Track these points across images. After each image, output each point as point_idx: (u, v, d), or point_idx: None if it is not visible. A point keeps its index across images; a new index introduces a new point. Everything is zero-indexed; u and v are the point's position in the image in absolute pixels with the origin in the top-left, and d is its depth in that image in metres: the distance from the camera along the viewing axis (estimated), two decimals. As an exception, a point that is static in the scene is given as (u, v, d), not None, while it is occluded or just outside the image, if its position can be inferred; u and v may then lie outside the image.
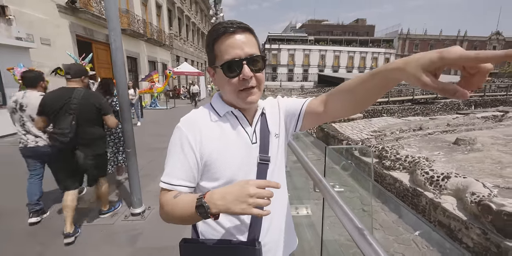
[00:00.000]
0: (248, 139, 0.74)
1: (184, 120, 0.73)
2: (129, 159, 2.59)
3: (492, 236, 3.44)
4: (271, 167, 0.76)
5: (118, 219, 2.62)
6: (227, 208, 0.55)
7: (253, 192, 0.55)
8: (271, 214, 0.60)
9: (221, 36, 0.67)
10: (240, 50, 0.66)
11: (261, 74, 0.71)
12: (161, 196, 0.70)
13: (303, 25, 51.75)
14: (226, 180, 0.71)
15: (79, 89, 2.16)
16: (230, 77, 0.68)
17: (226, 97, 0.75)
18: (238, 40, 0.66)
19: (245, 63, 0.66)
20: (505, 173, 6.45)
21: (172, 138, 0.72)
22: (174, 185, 0.69)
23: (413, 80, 0.45)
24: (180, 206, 0.64)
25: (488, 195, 3.85)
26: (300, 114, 0.79)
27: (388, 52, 45.58)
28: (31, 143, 2.44)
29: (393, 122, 11.67)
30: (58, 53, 7.93)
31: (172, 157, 0.70)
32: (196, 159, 0.69)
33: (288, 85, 35.02)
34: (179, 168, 0.69)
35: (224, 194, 0.57)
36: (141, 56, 14.26)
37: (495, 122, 12.45)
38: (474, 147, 8.84)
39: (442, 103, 16.83)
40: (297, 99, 0.84)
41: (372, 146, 6.94)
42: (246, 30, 0.69)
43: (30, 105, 2.36)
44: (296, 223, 2.21)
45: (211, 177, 0.71)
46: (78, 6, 8.63)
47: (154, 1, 15.90)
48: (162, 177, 0.70)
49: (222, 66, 0.67)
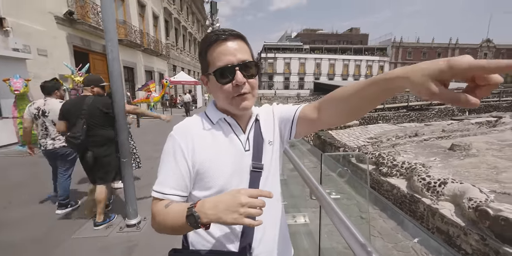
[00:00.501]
0: (241, 146, 0.73)
1: (177, 128, 0.73)
2: (125, 168, 2.57)
3: (490, 242, 3.42)
4: (264, 175, 0.74)
5: (113, 231, 2.57)
6: (218, 218, 0.54)
7: (244, 201, 0.54)
8: (264, 224, 0.59)
9: (213, 44, 0.68)
10: (233, 57, 0.66)
11: (254, 80, 0.71)
12: (152, 205, 0.69)
13: (298, 34, 52.84)
14: (219, 189, 0.69)
15: (89, 97, 2.50)
16: (223, 83, 0.68)
17: (220, 104, 0.75)
18: (230, 47, 0.67)
19: (237, 69, 0.66)
20: (501, 178, 6.49)
21: (165, 146, 0.71)
22: (166, 194, 0.68)
23: (420, 89, 0.42)
24: (171, 215, 0.63)
25: (485, 200, 3.86)
26: (294, 121, 0.78)
27: (382, 60, 46.53)
28: (49, 146, 2.81)
29: (389, 128, 11.78)
30: (55, 63, 7.97)
31: (165, 165, 0.70)
32: (188, 167, 0.69)
33: (284, 93, 35.32)
34: (171, 176, 0.68)
35: (216, 203, 0.56)
36: (138, 66, 14.36)
37: (489, 128, 12.62)
38: (469, 152, 8.92)
39: (437, 109, 17.08)
40: (291, 105, 0.83)
41: (369, 153, 6.97)
42: (238, 37, 0.69)
43: (52, 111, 2.75)
44: (293, 231, 2.19)
45: (203, 186, 0.70)
46: (75, 17, 8.75)
47: (151, 12, 16.18)
48: (154, 186, 0.69)
49: (215, 72, 0.67)
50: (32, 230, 2.59)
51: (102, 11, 2.30)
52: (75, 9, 8.82)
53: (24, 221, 2.76)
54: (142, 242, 2.39)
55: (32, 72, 7.10)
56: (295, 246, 0.97)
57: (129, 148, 2.58)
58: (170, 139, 0.71)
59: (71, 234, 2.48)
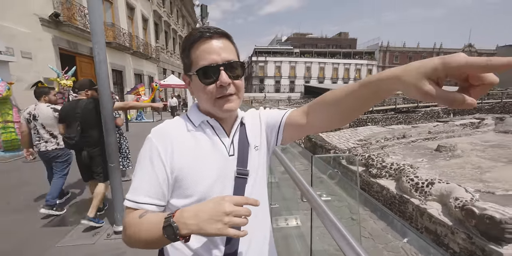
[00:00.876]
0: (224, 151, 0.68)
1: (155, 131, 0.67)
2: (112, 174, 2.50)
3: (476, 240, 3.52)
4: (250, 182, 0.70)
5: (100, 238, 2.49)
6: (200, 229, 0.49)
7: (229, 209, 0.50)
8: (249, 235, 0.55)
9: (197, 41, 0.63)
10: (217, 56, 0.62)
11: (240, 81, 0.67)
12: (124, 216, 0.62)
13: (289, 38, 53.48)
14: (199, 197, 0.63)
15: (83, 100, 2.63)
16: (206, 83, 0.64)
17: (203, 105, 0.70)
18: (215, 45, 0.63)
19: (222, 69, 0.62)
20: (485, 178, 6.72)
21: (141, 150, 0.65)
22: (140, 203, 0.61)
23: (413, 90, 0.40)
24: (146, 227, 0.56)
25: (471, 199, 3.98)
26: (281, 126, 0.74)
27: (370, 63, 47.64)
28: (42, 148, 2.96)
29: (378, 130, 12.01)
30: (39, 66, 7.74)
31: (141, 171, 0.63)
32: (166, 173, 0.62)
33: (275, 96, 35.51)
34: (146, 183, 0.62)
35: (197, 212, 0.51)
36: (126, 69, 14.14)
37: (472, 129, 13.08)
38: (454, 153, 9.20)
39: (423, 111, 17.58)
40: (279, 110, 0.80)
41: (359, 155, 7.07)
42: (223, 35, 0.65)
43: (41, 115, 2.91)
44: (286, 234, 2.19)
45: (182, 194, 0.64)
46: (61, 19, 8.56)
47: (140, 15, 16.03)
48: (128, 194, 0.62)
49: (198, 72, 0.63)
50: (13, 239, 2.48)
51: (89, 13, 2.26)
52: (61, 11, 8.62)
53: (4, 230, 2.64)
54: (130, 249, 2.31)
55: (15, 75, 6.86)
56: (288, 249, 0.96)
57: (117, 153, 2.52)
58: (147, 142, 0.65)
59: (55, 243, 2.39)
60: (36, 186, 3.89)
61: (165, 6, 20.90)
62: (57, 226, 2.72)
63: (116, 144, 2.50)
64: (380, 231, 3.98)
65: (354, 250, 0.64)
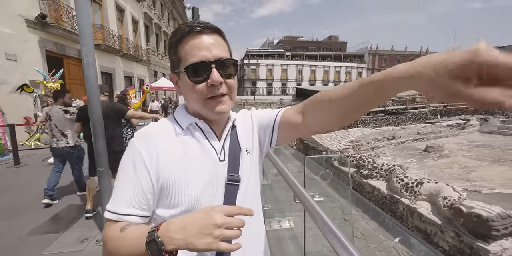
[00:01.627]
0: (215, 156, 0.63)
1: (139, 135, 0.61)
2: (102, 178, 2.44)
3: (465, 238, 3.61)
4: (242, 189, 0.65)
5: (89, 244, 2.42)
6: (187, 243, 0.44)
7: (220, 221, 0.45)
8: (242, 247, 0.49)
9: (185, 36, 0.58)
10: (208, 52, 0.57)
11: (233, 80, 0.61)
12: (106, 229, 0.55)
13: (280, 41, 54.00)
14: (188, 207, 0.57)
15: (102, 101, 2.90)
16: (196, 82, 0.58)
17: (192, 106, 0.64)
18: (206, 41, 0.58)
19: (213, 67, 0.57)
20: (472, 177, 6.92)
21: (124, 156, 0.59)
22: (122, 214, 0.54)
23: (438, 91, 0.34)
24: (128, 242, 0.49)
25: (459, 198, 4.08)
26: (275, 125, 0.69)
27: (360, 66, 48.58)
28: (54, 145, 3.29)
29: (369, 132, 12.21)
30: (25, 69, 7.52)
31: (122, 178, 0.57)
32: (151, 181, 0.56)
33: (267, 99, 35.66)
34: (129, 192, 0.55)
35: (184, 225, 0.45)
36: (116, 72, 13.92)
37: (459, 130, 13.47)
38: (442, 153, 9.44)
39: (412, 113, 18.00)
40: (271, 109, 0.75)
41: (350, 156, 7.16)
42: (215, 31, 0.60)
43: (54, 116, 3.27)
44: (279, 236, 2.18)
45: (169, 204, 0.58)
46: (48, 21, 8.37)
47: (130, 17, 15.86)
48: (109, 204, 0.56)
49: (187, 69, 0.58)
50: (-4, 248, 2.37)
51: (77, 15, 2.21)
52: (48, 12, 8.43)
53: (-13, 239, 2.53)
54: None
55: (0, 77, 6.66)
56: (281, 251, 0.95)
57: (106, 157, 2.47)
58: (130, 147, 0.59)
59: (41, 250, 2.30)
60: (20, 192, 3.76)
61: (156, 9, 20.76)
62: (43, 234, 2.63)
63: (105, 148, 2.44)
64: (372, 231, 4.03)
65: (348, 250, 0.64)
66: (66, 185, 3.99)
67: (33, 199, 3.47)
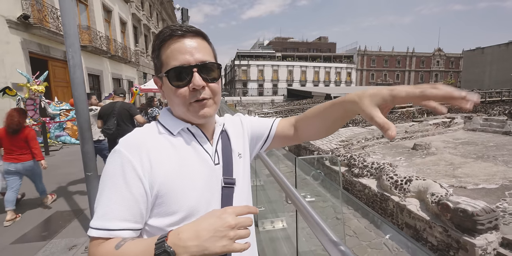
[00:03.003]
0: (210, 160, 0.63)
1: (126, 142, 0.57)
2: (90, 183, 2.38)
3: (452, 232, 3.71)
4: (237, 191, 0.66)
5: (78, 251, 2.36)
6: (204, 249, 0.43)
7: (234, 222, 0.45)
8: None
9: (167, 40, 0.58)
10: (190, 56, 0.57)
11: (216, 84, 0.61)
12: (92, 250, 0.50)
13: (271, 42, 54.25)
14: (186, 213, 0.56)
15: (118, 102, 3.56)
16: (177, 86, 0.57)
17: (175, 111, 0.63)
18: (188, 44, 0.57)
19: (195, 71, 0.57)
20: (457, 173, 7.14)
21: (107, 167, 0.54)
22: (113, 230, 0.50)
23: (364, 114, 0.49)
24: None
25: (445, 194, 4.21)
26: (269, 136, 0.76)
27: (349, 67, 49.41)
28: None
29: (359, 131, 12.42)
30: (7, 71, 7.27)
31: (109, 191, 0.52)
32: (145, 190, 0.53)
33: (259, 100, 35.73)
34: (119, 204, 0.51)
35: (197, 232, 0.44)
36: (104, 74, 13.63)
37: (444, 128, 13.88)
38: (429, 151, 9.70)
39: (400, 112, 18.44)
40: (263, 119, 0.79)
41: (341, 155, 7.26)
42: (198, 34, 0.60)
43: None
44: (272, 237, 2.19)
45: (164, 212, 0.55)
46: (32, 22, 8.11)
47: (118, 18, 15.58)
48: (94, 221, 0.51)
49: (168, 73, 0.57)
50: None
51: (62, 15, 2.17)
52: (31, 12, 8.18)
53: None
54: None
55: (-20, 80, 6.40)
56: (275, 251, 0.96)
57: (95, 161, 2.42)
58: (116, 157, 0.54)
59: (27, 259, 2.23)
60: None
61: (145, 10, 20.48)
62: (29, 242, 2.54)
63: (93, 152, 2.39)
64: (364, 229, 4.09)
65: (338, 248, 0.66)
66: (51, 190, 3.88)
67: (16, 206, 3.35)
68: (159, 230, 0.55)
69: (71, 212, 3.16)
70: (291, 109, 19.31)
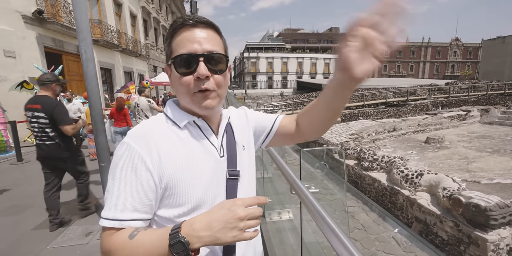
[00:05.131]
0: (215, 152, 0.64)
1: (134, 134, 0.57)
2: (104, 173, 2.48)
3: (463, 227, 3.66)
4: (241, 183, 0.67)
5: (93, 238, 2.48)
6: (216, 239, 0.46)
7: (244, 214, 0.47)
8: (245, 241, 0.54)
9: (178, 29, 0.59)
10: (198, 45, 0.57)
11: (221, 76, 0.60)
12: (106, 239, 0.52)
13: (280, 34, 53.32)
14: (194, 205, 0.57)
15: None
16: (182, 74, 0.58)
17: (181, 102, 0.64)
18: (197, 35, 0.58)
19: (201, 60, 0.57)
20: (471, 168, 6.94)
21: (117, 159, 0.55)
22: (125, 220, 0.52)
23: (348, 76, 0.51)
24: (145, 248, 0.48)
25: (458, 189, 4.12)
26: (272, 130, 0.76)
27: (360, 58, 48.04)
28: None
29: (369, 124, 12.19)
30: (24, 65, 7.51)
31: (119, 183, 0.53)
32: (154, 182, 0.54)
33: (268, 92, 35.51)
34: (130, 196, 0.52)
35: (209, 223, 0.47)
36: (116, 67, 13.86)
37: (459, 121, 13.42)
38: (443, 145, 9.44)
39: (413, 105, 17.90)
40: (268, 115, 0.80)
41: (351, 148, 7.19)
42: (209, 25, 0.60)
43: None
44: (279, 227, 2.23)
45: (173, 203, 0.56)
46: (46, 17, 8.29)
47: (128, 11, 15.67)
48: (105, 212, 0.53)
49: (174, 59, 0.58)
50: (3, 241, 2.44)
51: (74, 10, 2.20)
52: (45, 8, 8.35)
53: (-5, 233, 2.60)
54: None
55: (-1, 75, 6.66)
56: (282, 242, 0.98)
57: (108, 152, 2.50)
58: (124, 149, 0.55)
59: (46, 245, 2.37)
60: (24, 188, 3.83)
61: (154, 3, 20.47)
62: (48, 228, 2.69)
63: (106, 143, 2.48)
64: (372, 222, 4.09)
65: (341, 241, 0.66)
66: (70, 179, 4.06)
67: (37, 194, 3.54)
68: (168, 221, 0.57)
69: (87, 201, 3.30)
70: (301, 102, 19.09)
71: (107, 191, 0.54)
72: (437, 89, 21.25)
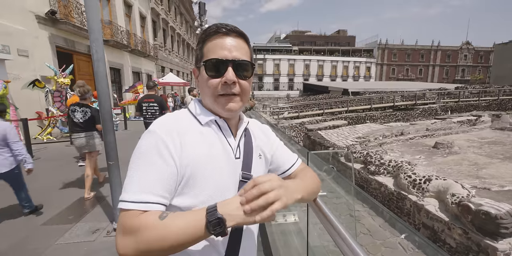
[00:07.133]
0: (231, 153, 0.67)
1: (159, 124, 0.61)
2: (112, 171, 2.51)
3: (472, 235, 3.56)
4: None
5: (100, 235, 2.51)
6: (245, 218, 0.49)
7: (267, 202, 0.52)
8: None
9: (212, 35, 0.63)
10: (228, 52, 0.62)
11: (247, 82, 0.65)
12: (130, 219, 0.51)
13: (287, 36, 53.31)
14: (205, 198, 0.60)
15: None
16: (212, 76, 0.63)
17: (205, 102, 0.68)
18: (229, 42, 0.63)
19: (230, 66, 0.62)
20: (481, 174, 6.78)
21: (142, 145, 0.58)
22: (151, 203, 0.53)
23: None
24: (176, 228, 0.49)
25: (467, 195, 4.02)
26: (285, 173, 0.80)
27: (369, 61, 47.62)
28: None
29: (376, 128, 12.05)
30: (36, 64, 7.69)
31: (145, 167, 0.55)
32: (176, 167, 0.57)
33: (274, 94, 35.52)
34: (155, 180, 0.54)
35: (237, 204, 0.50)
36: (125, 67, 14.07)
37: (469, 126, 13.14)
38: (452, 150, 9.25)
39: (421, 109, 17.63)
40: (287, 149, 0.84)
41: (357, 152, 7.10)
42: (240, 35, 0.65)
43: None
44: (284, 230, 2.21)
45: (188, 193, 0.59)
46: (58, 17, 8.49)
47: (138, 12, 15.92)
48: (128, 195, 0.53)
49: (206, 62, 0.63)
50: (13, 237, 2.49)
51: (86, 11, 2.25)
52: (57, 8, 8.55)
53: (4, 228, 2.65)
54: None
55: (12, 73, 6.82)
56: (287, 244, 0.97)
57: (116, 151, 2.53)
58: (150, 136, 0.58)
59: (55, 241, 2.41)
60: (35, 184, 3.90)
61: (163, 4, 20.75)
62: (56, 224, 2.73)
63: (115, 142, 2.51)
64: (378, 227, 4.02)
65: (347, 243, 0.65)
66: (74, 181, 4.11)
67: (46, 191, 3.60)
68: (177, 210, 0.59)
69: (94, 198, 3.35)
70: (307, 104, 19.01)
71: (129, 175, 0.56)
72: (447, 94, 20.85)
